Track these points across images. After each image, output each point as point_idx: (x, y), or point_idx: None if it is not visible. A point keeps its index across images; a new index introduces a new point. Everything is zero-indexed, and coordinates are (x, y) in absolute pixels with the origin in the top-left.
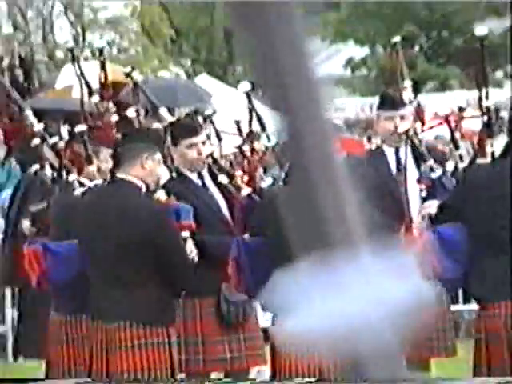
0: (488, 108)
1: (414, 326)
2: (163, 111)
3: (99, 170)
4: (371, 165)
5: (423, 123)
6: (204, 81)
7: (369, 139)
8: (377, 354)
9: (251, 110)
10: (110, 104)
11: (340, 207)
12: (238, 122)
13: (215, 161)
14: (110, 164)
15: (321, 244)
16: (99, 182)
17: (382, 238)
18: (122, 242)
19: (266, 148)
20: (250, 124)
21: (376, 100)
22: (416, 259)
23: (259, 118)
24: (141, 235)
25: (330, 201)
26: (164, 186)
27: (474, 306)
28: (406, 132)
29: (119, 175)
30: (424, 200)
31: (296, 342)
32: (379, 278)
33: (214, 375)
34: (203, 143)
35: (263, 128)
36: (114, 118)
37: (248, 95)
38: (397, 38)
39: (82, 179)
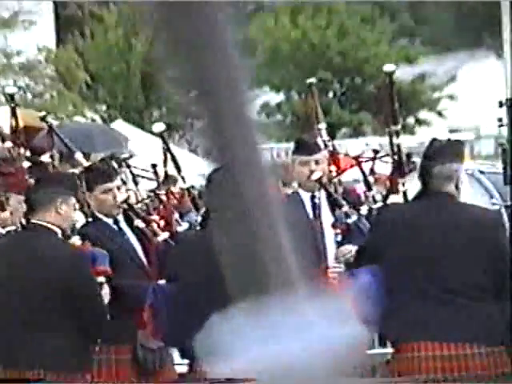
0: (399, 146)
1: (348, 367)
2: (79, 156)
3: (13, 219)
4: (289, 210)
5: (338, 167)
6: (120, 126)
7: (284, 184)
8: None
9: (166, 150)
10: (22, 150)
11: (278, 251)
12: (154, 166)
13: (130, 206)
14: (20, 211)
15: (258, 288)
16: (12, 228)
17: (309, 283)
18: (36, 288)
19: (182, 189)
20: (165, 164)
21: (291, 145)
22: (350, 304)
23: (174, 160)
24: (56, 281)
25: (269, 245)
26: (79, 231)
27: (389, 349)
28: (321, 178)
29: (34, 220)
30: (340, 245)
31: None
32: (317, 322)
33: None
34: (118, 188)
35: (179, 170)
36: (26, 163)
37: (162, 136)
38: (312, 79)
39: None
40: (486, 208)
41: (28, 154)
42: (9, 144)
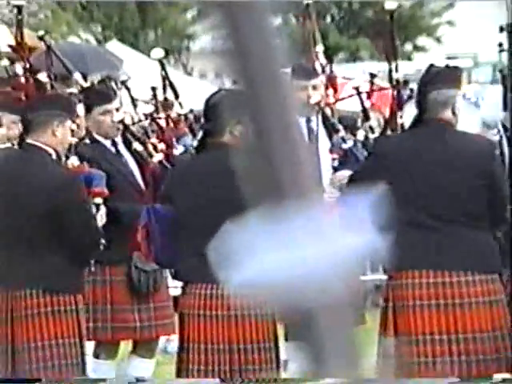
0: (398, 80)
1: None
2: (77, 76)
3: (8, 138)
4: None
5: (335, 91)
6: (115, 47)
7: None
8: (326, 305)
9: (164, 77)
10: (28, 65)
11: (294, 157)
12: (153, 89)
13: (127, 127)
14: (14, 130)
15: (272, 195)
16: (7, 145)
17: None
18: (30, 207)
19: (178, 114)
20: (164, 91)
21: (288, 70)
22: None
23: (172, 86)
24: (49, 202)
25: (284, 151)
26: (77, 152)
27: (381, 275)
28: (319, 102)
29: (29, 141)
30: (335, 170)
31: (245, 293)
32: (331, 230)
33: (123, 343)
34: (117, 110)
35: (176, 95)
36: (24, 80)
37: (161, 62)
38: (309, 0)
39: None
40: (481, 136)
41: (24, 72)
42: (5, 62)
